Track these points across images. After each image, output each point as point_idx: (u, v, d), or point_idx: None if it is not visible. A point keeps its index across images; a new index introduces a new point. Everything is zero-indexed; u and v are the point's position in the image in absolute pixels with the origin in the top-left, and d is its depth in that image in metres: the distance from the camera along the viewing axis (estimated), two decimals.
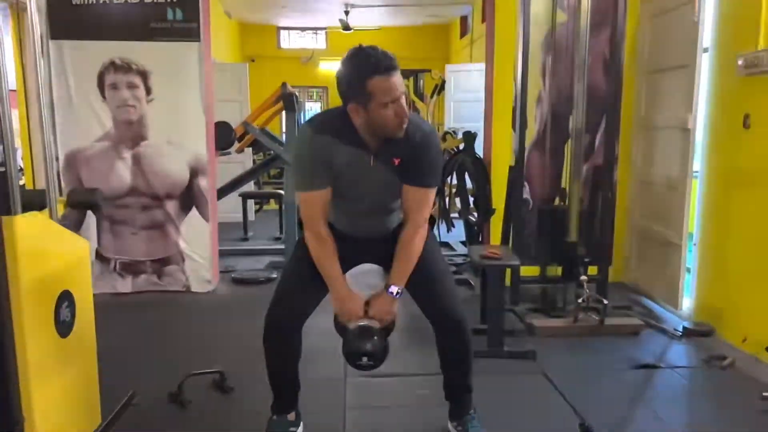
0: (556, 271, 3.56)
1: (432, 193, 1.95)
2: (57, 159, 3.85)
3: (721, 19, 3.24)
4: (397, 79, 1.76)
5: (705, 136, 3.38)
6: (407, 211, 1.94)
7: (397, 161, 1.87)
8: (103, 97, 3.91)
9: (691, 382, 2.76)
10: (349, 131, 1.83)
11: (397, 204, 1.98)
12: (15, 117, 4.56)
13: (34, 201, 1.90)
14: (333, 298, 1.93)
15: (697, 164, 3.45)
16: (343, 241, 1.99)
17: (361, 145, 1.85)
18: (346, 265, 2.04)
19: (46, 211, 1.95)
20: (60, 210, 2.13)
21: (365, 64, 1.73)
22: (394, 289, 1.94)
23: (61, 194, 2.75)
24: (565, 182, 3.55)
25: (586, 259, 3.34)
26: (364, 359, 1.93)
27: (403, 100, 1.79)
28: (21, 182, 3.95)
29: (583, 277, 3.25)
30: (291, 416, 2.13)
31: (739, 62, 2.94)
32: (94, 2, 3.83)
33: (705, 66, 3.34)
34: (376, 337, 1.93)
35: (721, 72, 3.23)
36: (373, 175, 1.89)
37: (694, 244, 3.46)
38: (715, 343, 3.09)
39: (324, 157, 1.84)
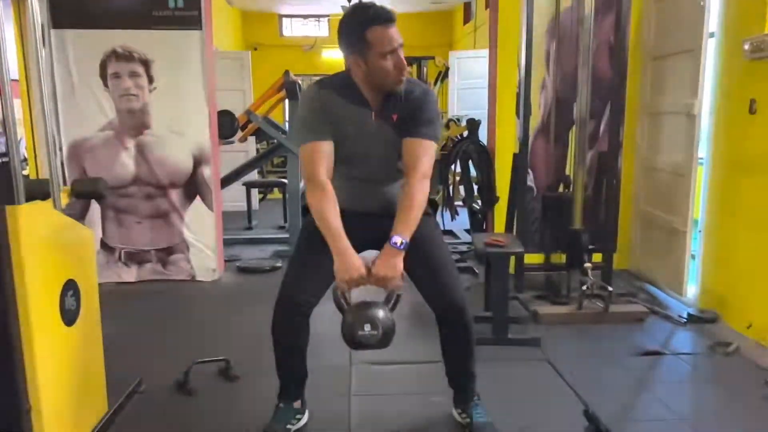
0: (561, 258, 3.55)
1: (431, 146, 1.92)
2: (60, 149, 3.86)
3: (727, 3, 3.20)
4: (395, 30, 1.84)
5: (711, 122, 3.35)
6: (407, 164, 1.91)
7: (395, 117, 1.92)
8: (106, 86, 3.90)
9: (695, 368, 2.76)
10: (352, 89, 1.91)
11: (399, 173, 1.98)
12: (18, 107, 4.56)
13: (38, 191, 1.90)
14: (334, 254, 1.82)
15: (703, 150, 3.42)
16: (343, 219, 1.99)
17: (362, 102, 1.92)
18: None
19: (50, 200, 1.95)
20: (64, 200, 2.13)
21: (364, 15, 1.81)
22: (397, 239, 1.81)
23: (65, 184, 2.75)
24: (569, 169, 3.53)
25: (591, 247, 3.34)
26: (367, 329, 1.77)
27: (402, 53, 1.86)
28: (25, 172, 3.96)
29: (588, 265, 3.25)
30: (297, 404, 2.14)
31: (746, 46, 2.90)
32: None
33: (711, 51, 3.30)
34: (380, 311, 1.81)
35: (727, 57, 3.19)
36: (374, 132, 1.93)
37: (699, 231, 3.44)
38: (720, 329, 3.09)
39: (326, 111, 1.90)
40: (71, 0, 3.81)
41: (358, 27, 1.82)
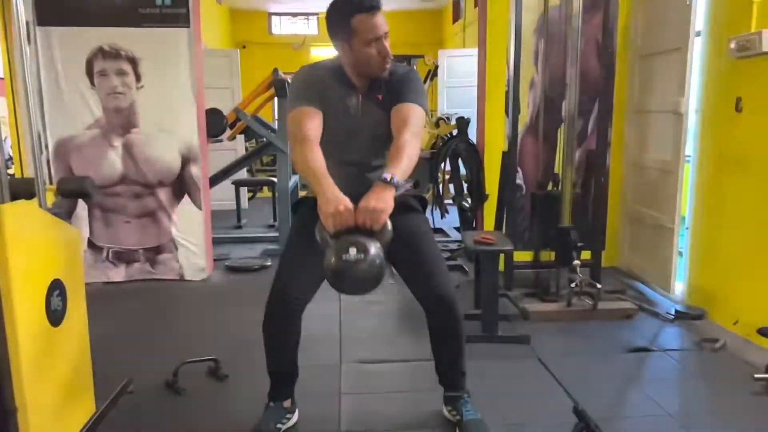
0: (550, 256, 3.57)
1: (419, 110, 1.91)
2: (46, 147, 3.81)
3: (713, 2, 3.23)
4: (380, 18, 1.87)
5: (697, 120, 3.38)
6: (396, 127, 1.88)
7: (380, 96, 1.96)
8: (92, 84, 3.87)
9: (683, 364, 2.78)
10: (340, 73, 1.97)
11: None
12: (3, 105, 4.51)
13: (23, 190, 1.88)
14: (318, 194, 1.73)
15: (690, 148, 3.45)
16: None
17: (350, 85, 1.97)
18: None
19: (35, 199, 1.93)
20: (50, 199, 2.10)
21: (350, 3, 1.85)
22: (388, 175, 1.71)
23: (51, 183, 2.72)
24: (558, 167, 3.55)
25: (580, 244, 3.35)
26: (352, 252, 1.61)
27: (387, 41, 1.89)
28: (10, 171, 3.91)
29: (577, 262, 3.26)
30: (287, 403, 2.13)
31: (732, 45, 2.93)
32: None
33: (698, 49, 3.33)
34: (367, 238, 1.66)
35: (714, 55, 3.22)
36: (362, 113, 1.97)
37: (687, 228, 3.47)
38: (707, 326, 3.12)
39: (318, 87, 1.94)
40: None
41: (344, 15, 1.86)
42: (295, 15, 11.62)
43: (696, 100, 3.38)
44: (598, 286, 3.26)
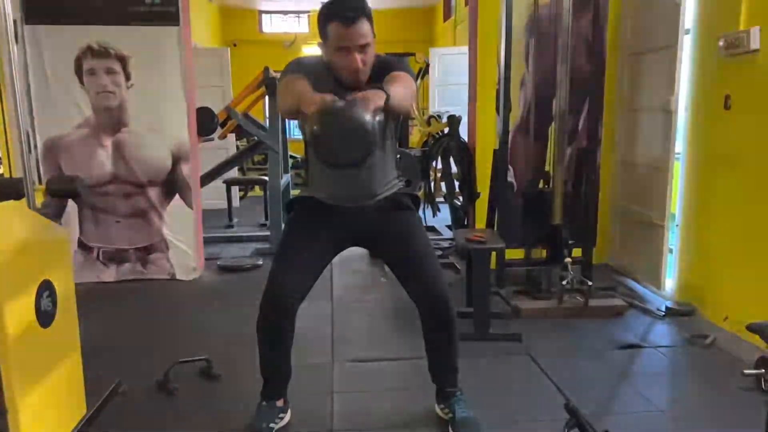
0: (541, 253, 3.58)
1: (408, 77, 1.91)
2: (35, 147, 3.78)
3: (702, 0, 3.25)
4: (356, 30, 1.82)
5: (687, 118, 3.40)
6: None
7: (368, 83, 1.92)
8: (82, 83, 3.84)
9: (673, 360, 2.80)
10: (330, 70, 1.94)
11: (382, 157, 1.97)
12: None
13: (11, 190, 1.86)
14: (303, 97, 1.74)
15: (680, 145, 3.47)
16: (328, 215, 1.99)
17: (339, 83, 1.93)
18: (332, 245, 2.05)
19: (24, 200, 1.92)
20: (39, 199, 2.09)
21: (330, 9, 1.87)
22: (379, 85, 1.77)
23: (40, 182, 2.70)
24: (549, 165, 3.56)
25: (571, 241, 3.37)
26: (339, 104, 1.61)
27: (365, 54, 1.85)
28: None
29: (568, 259, 3.27)
30: (280, 402, 2.13)
31: (721, 43, 2.95)
32: None
33: (687, 47, 3.35)
34: (352, 104, 1.65)
35: (703, 53, 3.24)
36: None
37: (677, 225, 3.50)
38: (697, 322, 3.14)
39: (310, 70, 1.91)
40: None
41: (324, 18, 1.88)
42: (285, 13, 11.58)
43: (685, 98, 3.40)
44: (590, 283, 3.28)
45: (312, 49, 11.13)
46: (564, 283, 3.25)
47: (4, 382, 1.60)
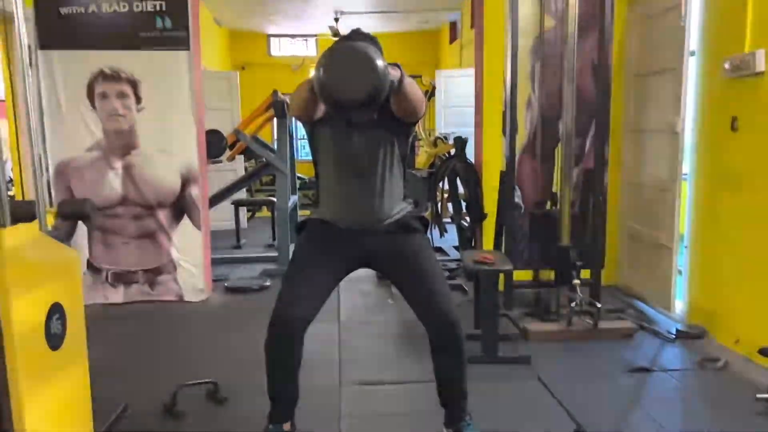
0: (549, 275, 3.56)
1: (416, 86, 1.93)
2: (47, 169, 3.82)
3: (707, 22, 3.27)
4: None
5: (694, 139, 3.41)
6: None
7: (376, 114, 1.93)
8: (93, 106, 3.89)
9: (685, 384, 2.77)
10: None
11: (391, 182, 2.00)
12: (4, 127, 4.53)
13: (24, 212, 1.88)
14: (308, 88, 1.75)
15: (687, 166, 3.47)
16: (337, 237, 2.00)
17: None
18: (341, 267, 2.05)
19: (36, 222, 1.93)
20: (50, 221, 2.11)
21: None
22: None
23: (51, 205, 2.73)
24: (556, 186, 3.56)
25: (579, 263, 3.35)
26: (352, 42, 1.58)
27: None
28: (11, 193, 3.92)
29: (576, 281, 3.26)
30: (287, 426, 2.11)
31: (726, 65, 2.96)
32: (83, 12, 3.82)
33: (692, 69, 3.37)
34: (367, 50, 1.61)
35: (708, 75, 3.26)
36: (361, 132, 1.96)
37: (685, 246, 3.48)
38: (708, 345, 3.11)
39: None
40: (58, 21, 3.81)
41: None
42: (293, 36, 11.73)
43: (692, 119, 3.41)
44: (598, 305, 3.26)
45: None
46: (573, 305, 3.23)
47: (13, 404, 1.60)
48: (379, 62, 1.61)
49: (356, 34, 1.92)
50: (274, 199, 5.47)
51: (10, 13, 1.97)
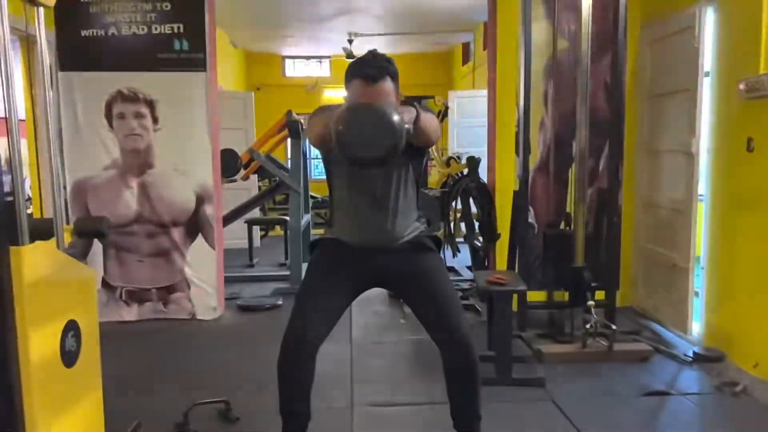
0: (563, 296, 3.53)
1: (434, 117, 1.94)
2: (64, 188, 3.88)
3: (721, 43, 3.28)
4: (376, 89, 1.84)
5: (709, 160, 3.39)
6: None
7: None
8: (111, 126, 3.95)
9: (702, 408, 2.71)
10: None
11: (405, 203, 2.01)
12: (24, 146, 4.61)
13: (42, 230, 1.91)
14: (330, 112, 1.78)
15: (702, 187, 3.45)
16: (350, 257, 2.00)
17: None
18: (354, 287, 2.05)
19: (53, 240, 1.96)
20: (67, 238, 2.13)
21: (355, 67, 1.91)
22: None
23: (68, 223, 2.76)
24: (569, 206, 3.55)
25: (593, 284, 3.32)
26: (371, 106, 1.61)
27: None
28: (29, 211, 3.98)
29: (591, 302, 3.22)
30: None
31: (741, 86, 2.95)
32: (103, 34, 3.90)
33: (707, 90, 3.36)
34: (385, 109, 1.64)
35: (723, 96, 3.25)
36: None
37: (702, 268, 3.44)
38: (727, 368, 3.05)
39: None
40: (79, 43, 3.90)
41: (349, 74, 1.92)
42: (308, 58, 11.88)
43: (707, 140, 3.39)
44: (614, 327, 3.22)
45: (333, 92, 11.38)
46: (587, 326, 3.19)
47: (27, 421, 1.61)
48: (397, 120, 1.63)
49: (373, 56, 1.94)
50: (287, 218, 5.49)
51: (33, 35, 2.02)
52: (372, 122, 1.62)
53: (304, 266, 2.26)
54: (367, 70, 1.87)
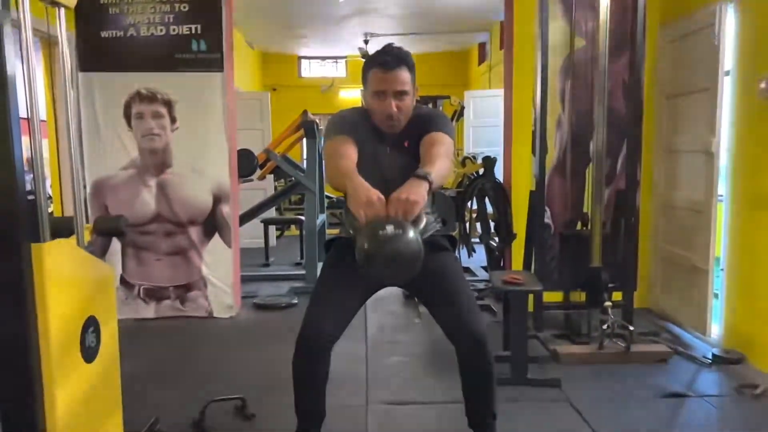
0: (580, 296, 3.51)
1: (447, 137, 1.94)
2: (84, 187, 3.94)
3: (742, 41, 3.23)
4: (393, 76, 1.91)
5: (729, 160, 3.34)
6: (423, 154, 1.88)
7: (407, 143, 1.99)
8: (129, 126, 4.00)
9: (722, 411, 2.68)
10: (370, 120, 2.02)
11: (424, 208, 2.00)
12: (45, 146, 4.68)
13: (63, 228, 1.94)
14: (350, 189, 1.72)
15: (722, 187, 3.40)
16: None
17: (378, 133, 2.01)
18: (368, 286, 2.05)
19: (74, 237, 1.99)
20: (87, 236, 2.16)
21: (375, 57, 1.97)
22: (421, 171, 1.72)
23: (87, 221, 2.80)
24: (586, 206, 3.52)
25: (610, 285, 3.29)
26: (389, 228, 1.53)
27: (401, 101, 1.92)
28: (50, 210, 4.04)
29: (608, 303, 3.20)
30: None
31: (762, 85, 2.91)
32: (122, 35, 3.95)
33: (727, 89, 3.31)
34: (401, 228, 1.58)
35: (744, 95, 3.20)
36: (389, 159, 2.01)
37: (722, 269, 3.39)
38: (746, 370, 3.01)
39: (352, 126, 1.99)
40: (98, 44, 3.95)
41: (367, 65, 1.98)
42: (324, 58, 11.93)
43: (727, 140, 3.34)
44: (631, 328, 3.19)
45: (349, 93, 11.41)
46: (604, 327, 3.16)
47: (48, 416, 1.64)
48: (418, 245, 1.61)
49: (390, 47, 1.97)
50: (303, 218, 5.51)
51: (54, 36, 2.05)
52: (396, 257, 1.59)
53: (320, 266, 2.27)
54: (384, 57, 1.93)
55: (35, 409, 1.61)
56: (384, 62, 1.92)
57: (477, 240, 4.81)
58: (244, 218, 5.14)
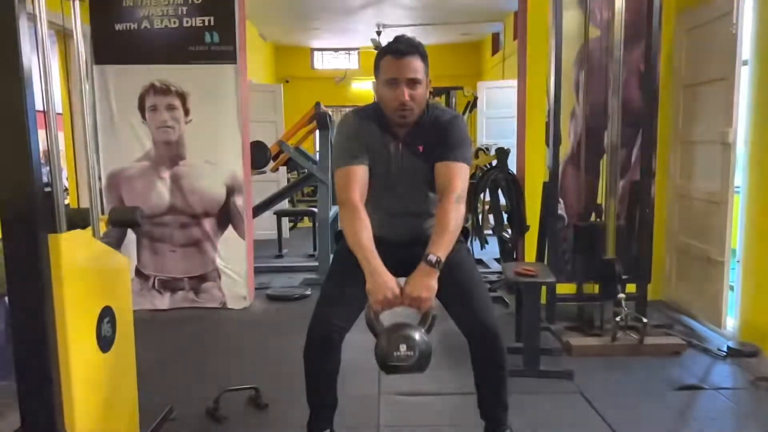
0: (593, 288, 3.49)
1: (463, 168, 1.95)
2: (99, 179, 3.98)
3: (760, 30, 3.17)
4: (405, 63, 1.91)
5: (746, 151, 3.29)
6: (440, 188, 1.95)
7: (421, 148, 1.99)
8: (144, 118, 4.03)
9: (737, 404, 2.66)
10: (381, 118, 2.01)
11: (431, 206, 2.03)
12: (61, 139, 4.73)
13: (79, 219, 1.96)
14: (366, 274, 1.82)
15: (739, 179, 3.36)
16: (376, 247, 2.01)
17: (390, 132, 2.00)
18: None
19: (89, 228, 2.01)
20: (102, 228, 2.19)
21: (387, 46, 1.98)
22: (432, 257, 1.80)
23: (103, 213, 2.83)
24: (601, 198, 3.49)
25: (624, 277, 3.27)
26: (402, 349, 1.72)
27: (414, 90, 1.92)
28: (66, 201, 4.09)
29: (621, 295, 3.18)
30: None
31: None
32: (136, 28, 3.97)
33: (744, 79, 3.26)
34: (415, 332, 1.77)
35: (762, 85, 3.15)
36: (400, 162, 2.00)
37: (738, 261, 3.35)
38: (762, 363, 2.98)
39: (361, 137, 1.99)
40: (113, 37, 3.98)
41: (379, 55, 1.98)
42: (336, 50, 11.91)
43: (744, 130, 3.29)
44: (645, 320, 3.17)
45: (361, 84, 11.39)
46: (618, 319, 3.15)
47: (65, 403, 1.67)
48: (428, 347, 1.78)
49: (403, 37, 1.97)
50: (316, 210, 5.53)
51: (69, 29, 2.07)
52: (407, 368, 1.75)
53: (331, 257, 2.28)
54: (397, 45, 1.94)
55: (52, 398, 1.64)
56: (396, 50, 1.93)
57: (490, 232, 4.79)
58: (258, 210, 5.17)
